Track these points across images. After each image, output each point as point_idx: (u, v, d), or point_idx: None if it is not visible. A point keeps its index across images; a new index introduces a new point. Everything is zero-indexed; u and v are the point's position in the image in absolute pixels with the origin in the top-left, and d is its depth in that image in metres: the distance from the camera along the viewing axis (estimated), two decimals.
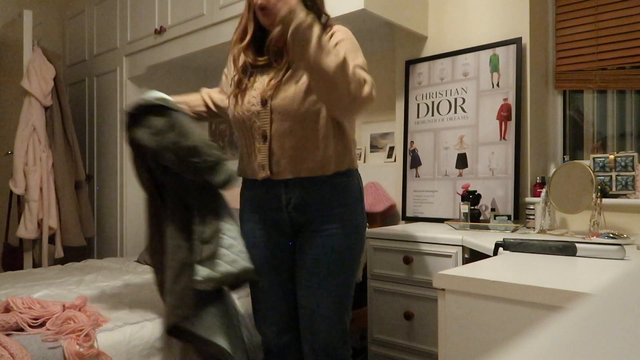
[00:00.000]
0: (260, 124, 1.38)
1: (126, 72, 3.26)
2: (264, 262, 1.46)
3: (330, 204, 1.40)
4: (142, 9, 3.12)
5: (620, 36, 2.07)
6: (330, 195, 1.40)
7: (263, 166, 1.39)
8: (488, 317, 0.96)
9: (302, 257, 1.43)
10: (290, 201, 1.40)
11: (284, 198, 1.41)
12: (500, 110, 2.19)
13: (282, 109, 1.36)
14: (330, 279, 1.40)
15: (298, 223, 1.43)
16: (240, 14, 1.50)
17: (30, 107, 3.01)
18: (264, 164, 1.39)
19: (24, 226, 2.96)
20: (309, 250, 1.41)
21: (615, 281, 0.26)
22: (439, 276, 1.03)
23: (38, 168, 3.00)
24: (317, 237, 1.40)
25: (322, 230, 1.40)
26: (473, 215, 2.08)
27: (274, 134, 1.37)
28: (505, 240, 1.34)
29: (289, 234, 1.46)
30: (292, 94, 1.35)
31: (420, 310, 1.90)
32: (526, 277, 0.97)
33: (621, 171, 1.95)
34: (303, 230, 1.43)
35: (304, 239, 1.43)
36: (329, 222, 1.39)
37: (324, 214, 1.40)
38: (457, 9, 2.39)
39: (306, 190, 1.39)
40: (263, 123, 1.38)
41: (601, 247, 1.23)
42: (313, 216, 1.40)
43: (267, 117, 1.37)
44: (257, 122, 1.38)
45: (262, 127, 1.38)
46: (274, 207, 1.43)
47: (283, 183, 1.40)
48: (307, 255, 1.41)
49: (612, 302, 0.23)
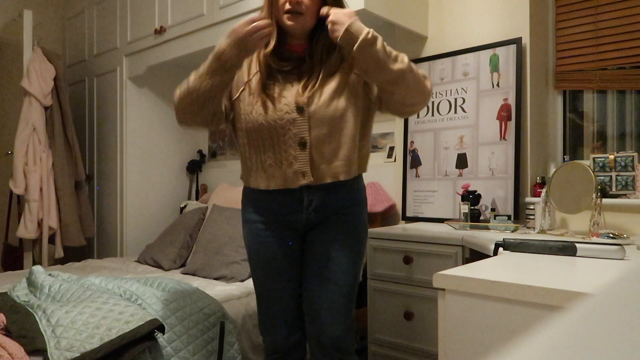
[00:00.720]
0: (296, 131, 1.36)
1: (126, 72, 3.26)
2: (275, 261, 1.46)
3: (345, 203, 1.44)
4: (142, 9, 3.12)
5: (620, 36, 2.07)
6: (347, 196, 1.44)
7: (304, 173, 1.37)
8: (488, 317, 0.96)
9: (313, 253, 1.45)
10: (312, 203, 1.42)
11: (305, 200, 1.42)
12: (500, 110, 2.19)
13: (319, 115, 1.36)
14: (340, 274, 1.43)
15: (313, 222, 1.45)
16: (240, 14, 1.49)
17: (30, 107, 3.01)
18: (304, 170, 1.37)
19: (24, 226, 2.96)
20: (320, 246, 1.44)
21: (615, 281, 0.26)
22: (438, 276, 1.03)
23: (38, 168, 3.00)
24: (329, 234, 1.43)
25: (335, 228, 1.43)
26: (473, 215, 2.08)
27: (313, 140, 1.37)
28: (505, 240, 1.34)
29: (301, 233, 1.48)
30: (327, 100, 1.37)
31: (420, 310, 1.90)
32: (526, 277, 0.97)
33: (621, 171, 1.95)
34: (315, 228, 1.46)
35: (316, 235, 1.45)
36: (341, 220, 1.43)
37: (338, 213, 1.44)
38: (457, 9, 2.39)
39: (328, 192, 1.42)
40: (300, 130, 1.36)
41: (601, 247, 1.23)
42: (329, 215, 1.43)
43: (305, 124, 1.36)
44: (293, 130, 1.36)
45: (300, 134, 1.36)
46: (294, 210, 1.43)
47: (305, 186, 1.40)
48: (319, 251, 1.44)
49: (612, 302, 0.23)
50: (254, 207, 1.47)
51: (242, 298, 2.02)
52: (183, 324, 1.69)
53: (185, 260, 2.72)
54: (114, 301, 1.63)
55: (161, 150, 3.42)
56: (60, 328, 1.47)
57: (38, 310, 1.62)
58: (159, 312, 1.67)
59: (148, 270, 2.64)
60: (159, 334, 1.60)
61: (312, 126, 1.36)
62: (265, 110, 1.38)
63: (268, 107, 1.38)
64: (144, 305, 1.71)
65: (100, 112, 3.48)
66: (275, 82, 1.40)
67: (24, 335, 1.45)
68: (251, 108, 1.40)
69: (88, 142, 3.57)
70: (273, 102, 1.38)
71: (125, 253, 3.24)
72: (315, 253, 1.44)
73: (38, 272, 1.99)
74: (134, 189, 3.28)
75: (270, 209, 1.44)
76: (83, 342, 1.41)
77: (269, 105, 1.38)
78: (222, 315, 1.82)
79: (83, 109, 3.62)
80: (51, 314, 1.54)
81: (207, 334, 1.73)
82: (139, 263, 2.85)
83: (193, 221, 2.83)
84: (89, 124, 3.58)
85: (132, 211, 3.27)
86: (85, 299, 1.66)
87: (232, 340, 1.80)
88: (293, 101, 1.37)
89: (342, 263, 1.43)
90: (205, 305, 1.80)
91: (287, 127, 1.36)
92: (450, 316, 1.01)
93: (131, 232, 3.26)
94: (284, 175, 1.38)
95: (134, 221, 3.27)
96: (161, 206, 3.42)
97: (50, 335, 1.45)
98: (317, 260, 1.44)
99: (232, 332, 1.81)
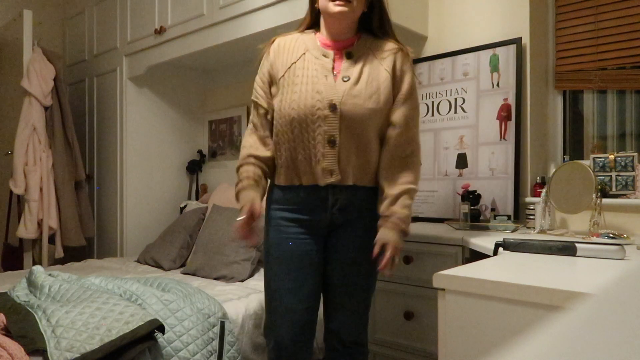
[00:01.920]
0: (327, 128, 1.36)
1: (126, 72, 3.26)
2: (299, 258, 1.45)
3: (367, 205, 1.45)
4: (142, 9, 3.12)
5: (620, 36, 2.07)
6: (369, 198, 1.46)
7: (331, 172, 1.38)
8: (488, 317, 0.96)
9: (336, 254, 1.46)
10: (337, 202, 1.42)
11: (330, 200, 1.42)
12: (500, 110, 2.19)
13: (352, 115, 1.36)
14: (363, 277, 1.46)
15: (337, 223, 1.45)
16: (240, 14, 1.50)
17: (30, 107, 3.01)
18: (332, 169, 1.38)
19: (24, 226, 2.96)
20: (344, 247, 1.45)
21: (615, 281, 0.26)
22: (438, 276, 1.03)
23: (38, 168, 3.00)
24: (352, 237, 1.45)
25: (357, 230, 1.45)
26: (473, 215, 2.08)
27: (342, 140, 1.37)
28: (505, 240, 1.34)
29: (323, 234, 1.48)
30: (361, 102, 1.37)
31: (420, 310, 1.90)
32: (526, 277, 0.97)
33: (621, 171, 1.95)
34: (338, 229, 1.46)
35: (339, 238, 1.46)
36: (364, 222, 1.45)
37: (361, 215, 1.45)
38: (457, 9, 2.39)
39: (353, 193, 1.43)
40: (331, 128, 1.36)
41: (601, 247, 1.22)
42: (352, 216, 1.45)
43: (336, 123, 1.36)
44: (323, 127, 1.36)
45: (330, 132, 1.36)
46: (318, 209, 1.43)
47: (330, 186, 1.41)
48: (343, 252, 1.46)
49: (612, 302, 0.23)
50: (279, 204, 1.47)
51: (242, 298, 2.02)
52: (183, 324, 1.69)
53: (185, 260, 2.72)
54: (114, 301, 1.63)
55: (161, 150, 3.42)
56: (60, 328, 1.47)
57: (38, 310, 1.62)
58: (159, 312, 1.67)
59: (148, 270, 2.64)
60: (159, 334, 1.60)
61: (342, 126, 1.36)
62: (298, 104, 1.37)
63: (301, 101, 1.37)
64: (144, 305, 1.71)
65: (100, 112, 3.48)
66: (311, 75, 1.40)
67: (24, 335, 1.45)
68: (285, 101, 1.40)
69: (88, 142, 3.57)
70: (306, 96, 1.37)
71: (125, 253, 3.24)
72: (339, 256, 1.46)
73: (38, 272, 1.99)
74: (134, 189, 3.28)
75: (292, 204, 1.45)
76: (83, 342, 1.41)
77: (301, 99, 1.37)
78: (222, 315, 1.82)
79: (83, 109, 3.62)
80: (51, 314, 1.54)
81: (207, 334, 1.73)
82: (139, 263, 2.85)
83: (193, 221, 2.83)
84: (89, 124, 3.58)
85: (132, 211, 3.27)
86: (85, 299, 1.66)
87: (232, 340, 1.80)
88: (327, 97, 1.35)
89: (365, 266, 1.45)
90: (205, 305, 1.80)
91: (317, 122, 1.36)
92: (450, 316, 1.01)
93: (131, 232, 3.26)
94: (313, 172, 1.39)
95: (134, 221, 3.27)
96: (161, 206, 3.42)
97: (50, 335, 1.45)
98: (341, 264, 1.46)
99: (232, 332, 1.81)
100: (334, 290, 1.49)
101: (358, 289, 1.47)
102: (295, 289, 1.45)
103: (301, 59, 1.43)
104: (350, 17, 1.40)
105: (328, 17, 1.41)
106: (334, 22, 1.41)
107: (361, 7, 1.40)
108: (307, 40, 1.47)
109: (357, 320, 1.49)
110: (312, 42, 1.46)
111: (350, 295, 1.47)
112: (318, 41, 1.47)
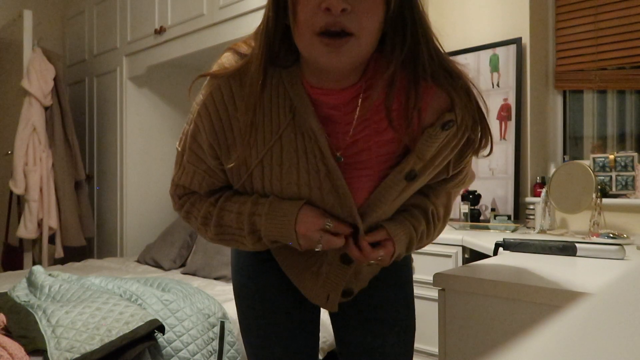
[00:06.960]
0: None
1: (126, 72, 3.26)
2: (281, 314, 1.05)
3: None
4: (142, 9, 3.12)
5: (620, 36, 2.07)
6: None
7: (338, 292, 0.97)
8: (488, 317, 0.96)
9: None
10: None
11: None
12: (500, 110, 2.19)
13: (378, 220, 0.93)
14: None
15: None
16: (240, 14, 1.44)
17: (30, 107, 3.01)
18: (339, 290, 0.98)
19: (24, 226, 2.96)
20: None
21: (615, 281, 0.26)
22: (438, 276, 1.03)
23: (38, 168, 3.00)
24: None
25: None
26: (473, 215, 2.08)
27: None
28: (505, 240, 1.34)
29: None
30: (391, 210, 0.94)
31: (420, 310, 1.89)
32: (526, 277, 0.97)
33: (621, 171, 1.95)
34: None
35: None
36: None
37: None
38: (457, 9, 2.39)
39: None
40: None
41: (601, 247, 1.22)
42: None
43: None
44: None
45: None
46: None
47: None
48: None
49: (612, 302, 0.23)
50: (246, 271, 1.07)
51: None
52: (183, 324, 1.69)
53: (185, 260, 2.72)
54: (114, 301, 1.63)
55: (161, 150, 3.42)
56: (61, 328, 1.47)
57: (38, 310, 1.62)
58: (159, 313, 1.67)
59: (148, 270, 2.64)
60: (159, 334, 1.60)
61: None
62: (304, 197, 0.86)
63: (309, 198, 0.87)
64: (144, 305, 1.71)
65: (100, 112, 3.48)
66: (313, 170, 0.84)
67: (24, 335, 1.45)
68: (275, 185, 0.86)
69: (88, 142, 3.57)
70: (317, 198, 0.87)
71: (125, 253, 3.24)
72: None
73: (38, 272, 1.99)
74: (134, 189, 3.28)
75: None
76: (83, 342, 1.41)
77: (311, 198, 0.87)
78: (222, 315, 1.82)
79: (83, 109, 3.62)
80: (51, 314, 1.54)
81: (207, 334, 1.73)
82: (139, 263, 2.85)
83: None
84: (89, 124, 3.58)
85: (132, 211, 3.27)
86: (85, 299, 1.66)
87: (232, 340, 1.80)
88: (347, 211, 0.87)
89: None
90: (205, 305, 1.80)
91: None
92: (450, 316, 1.01)
93: (131, 232, 3.26)
94: (311, 288, 0.98)
95: (134, 221, 3.27)
96: (161, 206, 3.41)
97: (50, 335, 1.45)
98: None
99: (232, 332, 1.81)
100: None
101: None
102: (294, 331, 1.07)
103: (287, 134, 0.82)
104: (355, 56, 0.74)
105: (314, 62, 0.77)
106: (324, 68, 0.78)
107: (375, 24, 0.73)
108: (288, 88, 0.82)
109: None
110: (298, 95, 0.81)
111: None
112: (306, 91, 0.81)
